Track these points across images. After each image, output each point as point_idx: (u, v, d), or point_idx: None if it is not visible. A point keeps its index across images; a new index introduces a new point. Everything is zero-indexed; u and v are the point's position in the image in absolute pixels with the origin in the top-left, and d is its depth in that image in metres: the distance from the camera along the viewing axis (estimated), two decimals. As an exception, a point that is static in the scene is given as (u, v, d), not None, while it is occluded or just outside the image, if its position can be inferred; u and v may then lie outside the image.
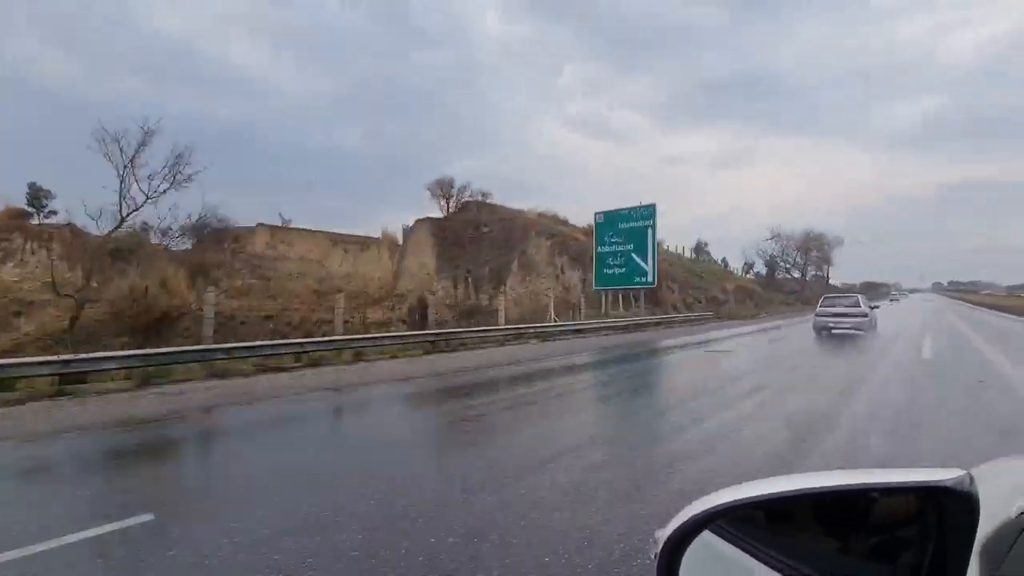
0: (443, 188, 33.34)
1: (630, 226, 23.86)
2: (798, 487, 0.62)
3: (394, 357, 12.02)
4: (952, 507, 0.57)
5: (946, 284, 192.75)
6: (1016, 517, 0.62)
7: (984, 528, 0.59)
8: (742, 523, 0.66)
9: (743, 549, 0.65)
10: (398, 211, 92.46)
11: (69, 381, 7.85)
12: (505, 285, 26.28)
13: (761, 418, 5.71)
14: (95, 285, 18.12)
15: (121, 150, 17.58)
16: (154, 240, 24.03)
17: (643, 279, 23.49)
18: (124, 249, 21.09)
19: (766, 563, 0.64)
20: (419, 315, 24.27)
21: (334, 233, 35.42)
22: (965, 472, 0.58)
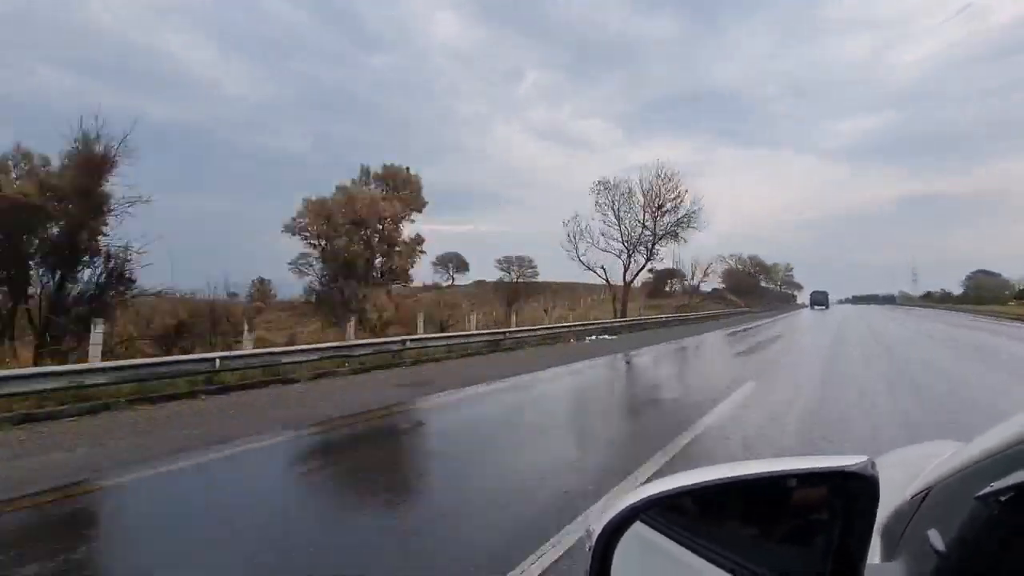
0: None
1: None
2: (723, 476, 0.68)
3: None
4: (856, 491, 0.62)
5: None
6: (910, 499, 0.69)
7: (884, 510, 0.64)
8: (672, 513, 0.70)
9: (673, 538, 0.70)
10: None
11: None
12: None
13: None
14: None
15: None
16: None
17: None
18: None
19: (694, 550, 0.69)
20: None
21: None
22: (868, 459, 0.63)
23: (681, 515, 0.70)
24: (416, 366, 12.76)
